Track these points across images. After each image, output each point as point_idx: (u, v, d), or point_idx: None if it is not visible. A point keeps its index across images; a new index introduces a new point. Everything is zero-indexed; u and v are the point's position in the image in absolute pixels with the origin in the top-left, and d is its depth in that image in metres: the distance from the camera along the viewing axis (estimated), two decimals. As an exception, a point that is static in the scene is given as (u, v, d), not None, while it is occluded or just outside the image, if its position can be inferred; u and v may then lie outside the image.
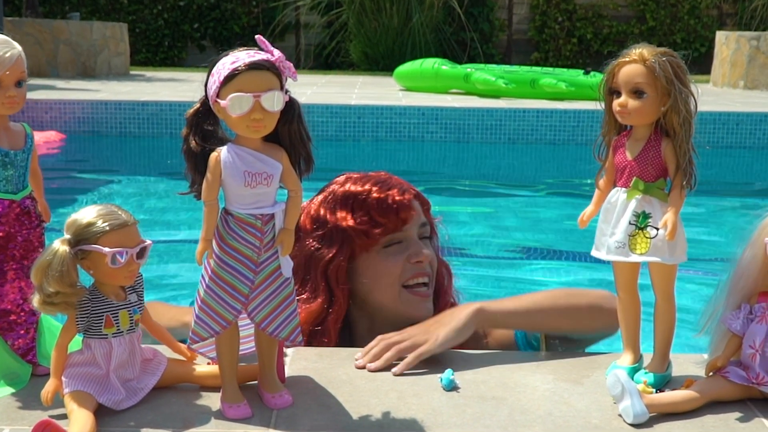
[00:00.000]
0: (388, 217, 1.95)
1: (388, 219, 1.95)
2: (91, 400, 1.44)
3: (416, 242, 1.99)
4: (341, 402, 1.54)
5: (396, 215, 1.96)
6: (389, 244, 1.98)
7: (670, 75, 1.51)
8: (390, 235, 1.97)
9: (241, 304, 1.46)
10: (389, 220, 1.96)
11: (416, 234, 2.00)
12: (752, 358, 1.54)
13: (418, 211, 2.01)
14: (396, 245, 1.98)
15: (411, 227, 1.99)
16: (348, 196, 1.98)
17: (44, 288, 1.41)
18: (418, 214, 2.01)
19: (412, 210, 1.98)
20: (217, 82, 1.39)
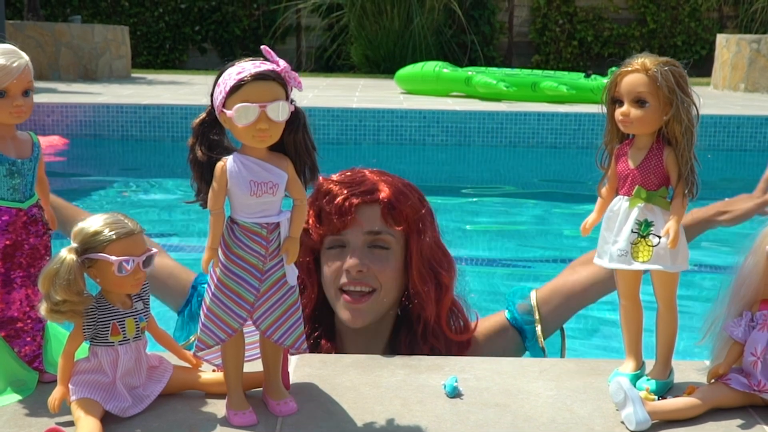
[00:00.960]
0: (326, 220, 1.99)
1: (325, 221, 1.99)
2: (98, 408, 1.45)
3: (353, 250, 1.98)
4: (345, 409, 1.55)
5: (330, 219, 1.98)
6: (333, 246, 2.01)
7: (672, 84, 1.52)
8: (331, 237, 2.00)
9: (247, 312, 1.48)
10: (326, 223, 1.99)
11: (361, 242, 1.99)
12: (754, 366, 1.55)
13: (365, 219, 1.98)
14: (338, 248, 2.00)
15: (352, 233, 1.99)
16: (315, 191, 2.03)
17: (51, 296, 1.42)
18: (365, 222, 1.98)
19: (350, 217, 1.97)
20: (223, 93, 1.40)
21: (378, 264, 1.99)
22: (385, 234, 2.00)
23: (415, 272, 2.03)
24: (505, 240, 5.70)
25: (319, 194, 2.01)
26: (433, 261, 2.06)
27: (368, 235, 1.99)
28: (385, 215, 1.99)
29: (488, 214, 6.35)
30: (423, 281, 2.03)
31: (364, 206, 1.98)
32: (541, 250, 5.49)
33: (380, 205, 1.99)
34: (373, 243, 2.00)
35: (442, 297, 2.06)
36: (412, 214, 2.03)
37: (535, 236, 5.84)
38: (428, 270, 2.05)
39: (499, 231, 5.92)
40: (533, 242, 5.68)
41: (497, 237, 5.75)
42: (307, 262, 2.04)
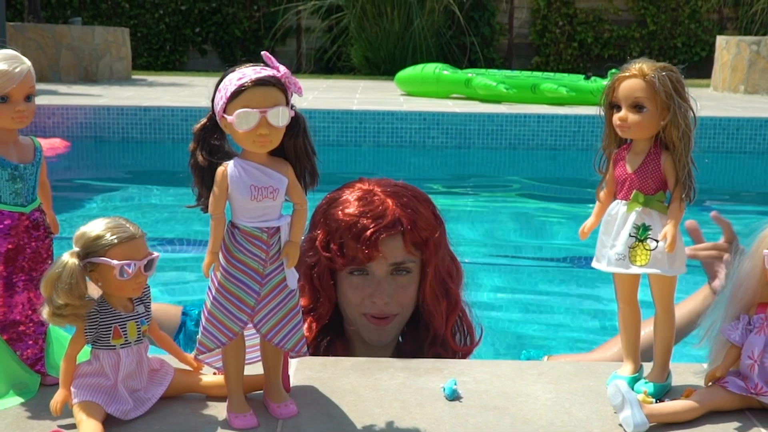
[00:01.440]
0: (350, 252, 1.99)
1: (350, 253, 1.99)
2: (100, 410, 1.46)
3: (378, 282, 2.01)
4: (345, 412, 1.56)
5: (356, 252, 1.98)
6: (355, 272, 2.03)
7: (670, 90, 1.53)
8: (353, 266, 2.02)
9: (248, 316, 1.49)
10: (350, 255, 1.99)
11: (384, 272, 2.01)
12: (751, 369, 1.56)
13: (389, 251, 2.00)
14: (360, 276, 2.03)
15: (376, 265, 2.01)
16: (331, 217, 2.02)
17: (54, 300, 1.44)
18: (390, 254, 2.00)
19: (375, 251, 1.97)
20: (224, 98, 1.41)
21: (401, 291, 2.03)
22: (408, 263, 2.04)
23: (428, 291, 2.07)
24: (505, 241, 5.70)
25: (340, 224, 2.00)
26: (445, 275, 2.10)
27: (393, 266, 2.02)
28: (407, 244, 2.01)
29: (488, 216, 6.36)
30: (435, 299, 2.08)
31: (388, 239, 1.99)
32: (541, 252, 5.50)
33: (402, 234, 2.01)
34: (397, 270, 2.03)
35: (451, 309, 2.10)
36: (430, 236, 2.05)
37: (535, 238, 5.85)
38: (440, 286, 2.08)
39: (499, 233, 5.93)
40: (533, 244, 5.69)
41: (497, 239, 5.76)
42: (326, 282, 2.06)
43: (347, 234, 1.99)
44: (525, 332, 4.19)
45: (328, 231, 2.02)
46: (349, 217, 2.00)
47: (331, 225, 2.02)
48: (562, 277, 4.99)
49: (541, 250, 5.51)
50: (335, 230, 2.01)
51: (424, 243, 2.04)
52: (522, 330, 4.20)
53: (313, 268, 2.05)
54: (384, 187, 2.06)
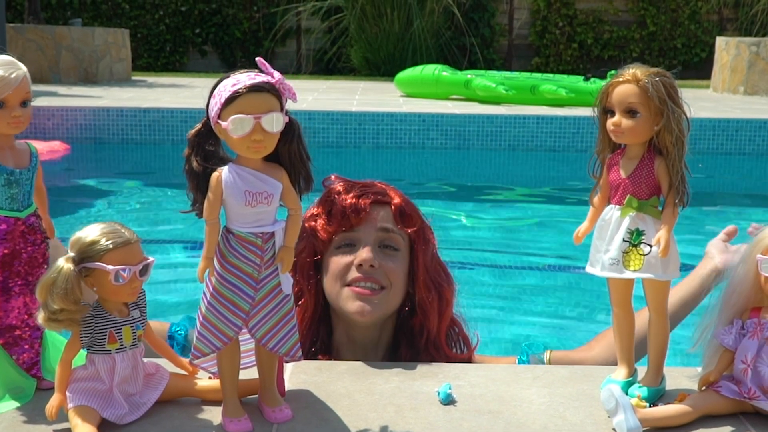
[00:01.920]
0: (338, 217, 1.98)
1: (337, 219, 1.98)
2: (95, 415, 1.47)
3: (365, 245, 1.97)
4: (340, 416, 1.57)
5: (344, 215, 1.97)
6: (341, 245, 2.00)
7: (663, 95, 1.54)
8: (342, 235, 1.99)
9: (242, 321, 1.49)
10: (338, 220, 1.98)
11: (373, 239, 1.99)
12: (744, 373, 1.57)
13: (377, 216, 2.00)
14: (348, 247, 2.00)
15: (364, 231, 1.99)
16: (322, 195, 2.04)
17: (49, 305, 1.44)
18: (378, 220, 1.99)
19: (364, 213, 1.97)
20: (218, 104, 1.42)
21: (389, 263, 1.99)
22: (396, 234, 2.01)
23: (421, 280, 2.03)
24: (505, 243, 5.70)
25: (330, 194, 2.02)
26: (435, 274, 2.08)
27: (381, 231, 1.99)
28: (396, 217, 2.02)
29: (487, 218, 6.36)
30: (428, 290, 2.04)
31: (377, 206, 2.00)
32: (540, 253, 5.50)
33: (392, 207, 2.02)
34: (384, 242, 2.00)
35: (443, 310, 2.07)
36: (419, 222, 2.06)
37: (534, 239, 5.85)
38: (431, 281, 2.06)
39: (499, 234, 5.93)
40: (533, 245, 5.69)
41: (496, 240, 5.76)
42: (308, 266, 2.03)
43: (336, 200, 1.99)
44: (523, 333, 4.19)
45: (317, 205, 2.03)
46: (337, 187, 2.02)
47: (322, 197, 2.02)
48: (561, 280, 5.00)
49: (541, 252, 5.51)
50: (325, 200, 2.01)
51: (411, 221, 2.04)
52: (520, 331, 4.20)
53: (298, 256, 1.98)
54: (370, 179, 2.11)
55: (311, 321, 2.06)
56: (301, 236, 1.96)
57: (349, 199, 1.99)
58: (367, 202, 1.99)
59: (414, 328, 2.07)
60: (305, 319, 2.04)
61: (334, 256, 2.00)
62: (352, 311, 1.96)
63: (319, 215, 2.02)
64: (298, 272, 2.02)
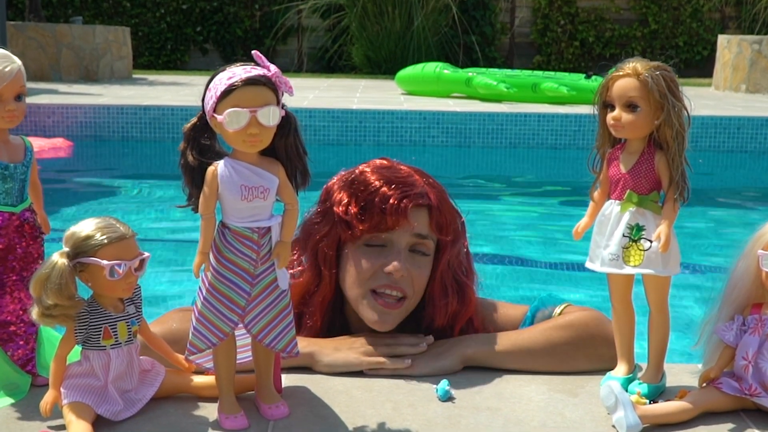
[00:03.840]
0: (375, 216, 1.83)
1: (374, 218, 1.83)
2: (90, 411, 1.46)
3: (397, 252, 1.84)
4: (337, 413, 1.56)
5: (383, 217, 1.82)
6: (372, 244, 1.86)
7: (663, 89, 1.53)
8: (373, 234, 1.84)
9: (238, 316, 1.48)
10: (375, 220, 1.83)
11: (405, 244, 1.85)
12: (745, 370, 1.56)
13: (416, 221, 1.85)
14: (378, 247, 1.85)
15: (399, 234, 1.84)
16: (357, 181, 1.88)
17: (43, 300, 1.43)
18: (416, 225, 1.85)
19: (403, 217, 1.83)
20: (214, 98, 1.41)
21: (417, 270, 1.87)
22: (429, 240, 1.89)
23: (438, 282, 1.92)
24: (505, 241, 5.69)
25: (367, 186, 1.87)
26: (459, 271, 1.96)
27: (414, 237, 1.86)
28: (431, 221, 1.89)
29: (488, 215, 6.35)
30: (443, 293, 1.92)
31: (416, 208, 1.87)
32: (541, 250, 5.48)
33: (428, 210, 1.89)
34: (415, 247, 1.88)
35: (462, 312, 1.94)
36: (452, 222, 1.94)
37: (535, 237, 5.84)
38: (452, 281, 1.94)
39: (499, 232, 5.91)
40: (533, 243, 5.67)
41: (497, 238, 5.74)
42: (331, 255, 1.88)
43: (373, 197, 1.84)
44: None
45: (350, 193, 1.87)
46: (376, 180, 1.86)
47: (355, 187, 1.87)
48: (562, 277, 4.98)
49: (542, 250, 5.49)
50: (360, 192, 1.85)
51: (446, 227, 1.91)
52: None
53: (318, 243, 1.88)
54: (407, 164, 1.97)
55: (328, 308, 1.94)
56: (325, 218, 1.88)
57: (390, 200, 1.83)
58: (408, 205, 1.84)
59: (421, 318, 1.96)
60: (323, 305, 1.92)
61: (362, 254, 1.86)
62: (371, 321, 1.85)
63: (351, 205, 1.86)
64: (319, 259, 1.89)
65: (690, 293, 3.97)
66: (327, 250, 1.87)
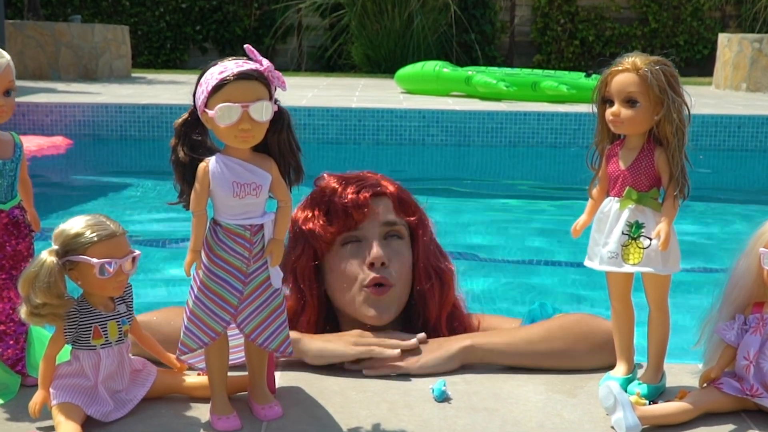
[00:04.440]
0: (340, 216, 1.87)
1: (340, 218, 1.88)
2: (79, 412, 1.43)
3: (373, 242, 1.87)
4: (331, 413, 1.53)
5: (347, 214, 1.87)
6: (346, 242, 1.89)
7: (663, 84, 1.50)
8: (345, 235, 1.89)
9: (230, 315, 1.46)
10: (341, 219, 1.88)
11: (378, 233, 1.89)
12: (746, 370, 1.53)
13: (379, 209, 1.90)
14: (353, 244, 1.89)
15: (368, 226, 1.88)
16: (314, 195, 1.95)
17: (31, 299, 1.41)
18: (381, 213, 1.90)
19: (365, 208, 1.87)
20: (205, 92, 1.38)
21: (396, 256, 1.90)
22: (399, 225, 1.93)
23: (421, 268, 1.95)
24: (505, 239, 5.67)
25: (324, 194, 1.92)
26: (435, 260, 2.00)
27: (385, 226, 1.90)
28: (396, 207, 1.93)
29: (488, 214, 6.32)
30: (428, 277, 1.95)
31: (376, 198, 1.91)
32: (541, 249, 5.46)
33: (390, 197, 1.94)
34: (389, 234, 1.91)
35: (444, 296, 1.98)
36: (417, 209, 1.99)
37: (535, 236, 5.81)
38: (431, 267, 1.98)
39: (499, 231, 5.89)
40: (533, 241, 5.65)
41: (497, 237, 5.72)
42: (309, 271, 1.93)
43: (333, 198, 1.89)
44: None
45: (311, 206, 1.92)
46: (331, 184, 1.92)
47: (315, 198, 1.92)
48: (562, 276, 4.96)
49: (542, 248, 5.47)
50: (320, 200, 1.91)
51: (410, 207, 1.97)
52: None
53: (296, 265, 1.92)
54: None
55: (316, 325, 1.96)
56: (297, 241, 1.92)
57: (348, 196, 1.88)
58: (366, 196, 1.89)
59: (411, 315, 1.98)
60: (311, 324, 1.94)
61: (340, 258, 1.89)
62: (369, 317, 1.86)
63: (316, 216, 1.91)
64: (299, 279, 1.92)
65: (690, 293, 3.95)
66: (304, 268, 1.91)
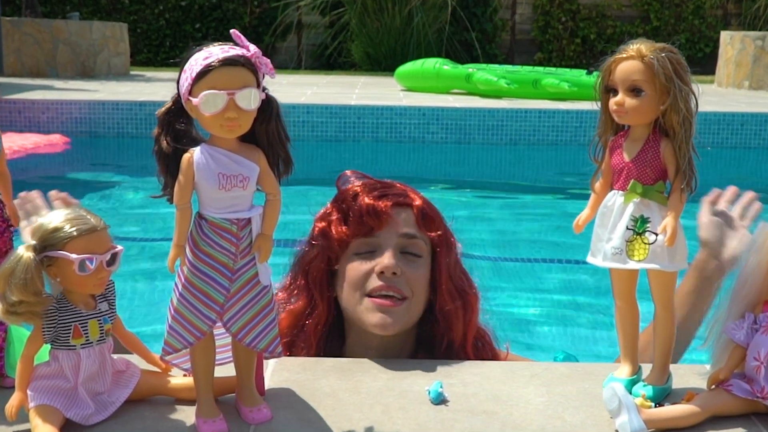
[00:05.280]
0: (356, 221, 1.82)
1: (355, 222, 1.82)
2: (58, 415, 1.37)
3: (388, 253, 1.81)
4: (323, 416, 1.47)
5: (362, 219, 1.82)
6: (360, 251, 1.84)
7: (670, 72, 1.43)
8: (361, 240, 1.83)
9: (217, 314, 1.39)
10: (356, 224, 1.82)
11: (394, 245, 1.82)
12: (757, 371, 1.46)
13: (400, 220, 1.84)
14: (368, 253, 1.83)
15: (385, 236, 1.82)
16: (338, 197, 1.90)
17: (7, 297, 1.34)
18: (401, 224, 1.84)
19: (384, 216, 1.81)
20: (189, 79, 1.32)
21: (412, 270, 1.82)
22: (419, 239, 1.85)
23: (444, 288, 1.87)
24: (506, 238, 5.63)
25: (346, 196, 1.86)
26: (458, 281, 1.91)
27: (403, 238, 1.83)
28: (418, 221, 1.86)
29: (488, 212, 6.28)
30: (452, 298, 1.87)
31: (398, 208, 1.84)
32: (542, 248, 5.42)
33: (414, 210, 1.86)
34: (406, 248, 1.84)
35: (468, 320, 1.90)
36: (442, 226, 1.91)
37: (536, 234, 5.78)
38: (455, 288, 1.89)
39: (500, 229, 5.85)
40: (534, 240, 5.61)
41: (498, 235, 5.68)
42: (322, 275, 1.87)
43: (353, 204, 1.82)
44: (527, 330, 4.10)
45: (331, 206, 1.87)
46: (355, 189, 1.86)
47: (337, 199, 1.86)
48: (563, 274, 4.91)
49: (542, 247, 5.43)
50: (340, 204, 1.85)
51: (434, 225, 1.88)
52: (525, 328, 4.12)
53: (309, 266, 1.88)
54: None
55: (323, 332, 1.91)
56: (312, 242, 1.88)
57: (369, 201, 1.82)
58: (387, 205, 1.82)
59: (435, 338, 1.91)
60: (317, 330, 1.89)
61: (352, 262, 1.83)
62: (373, 324, 1.79)
63: (333, 218, 1.86)
64: (311, 282, 1.87)
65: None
66: (316, 271, 1.87)
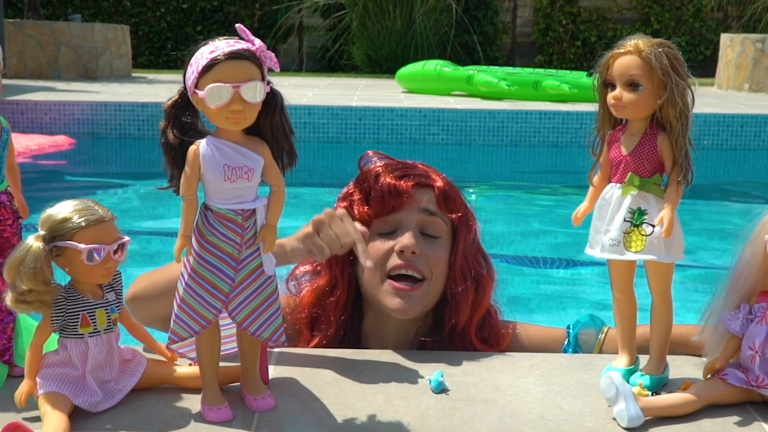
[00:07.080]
0: (377, 199, 1.84)
1: (377, 201, 1.84)
2: (66, 402, 1.40)
3: (407, 231, 1.83)
4: (326, 405, 1.49)
5: (383, 199, 1.84)
6: (382, 232, 1.85)
7: (667, 67, 1.46)
8: (382, 220, 1.85)
9: (222, 303, 1.42)
10: (377, 203, 1.84)
11: (414, 222, 1.85)
12: (752, 360, 1.49)
13: (420, 201, 1.86)
14: (389, 233, 1.85)
15: (406, 214, 1.84)
16: (359, 176, 1.91)
17: (17, 286, 1.37)
18: (420, 204, 1.86)
19: (405, 196, 1.83)
20: (195, 72, 1.35)
21: (431, 250, 1.84)
22: (439, 218, 1.87)
23: (458, 269, 1.88)
24: (507, 238, 5.64)
25: (368, 176, 1.88)
26: (474, 262, 1.93)
27: (423, 213, 1.85)
28: (439, 202, 1.88)
29: (489, 213, 6.29)
30: (463, 278, 1.89)
31: (419, 188, 1.86)
32: (542, 248, 5.43)
33: (435, 191, 1.88)
34: (426, 228, 1.86)
35: (478, 302, 1.91)
36: (462, 207, 1.93)
37: (536, 235, 5.79)
38: (469, 270, 1.91)
39: (500, 229, 5.86)
40: (535, 240, 5.62)
41: (498, 235, 5.69)
42: (343, 255, 1.82)
43: (376, 183, 1.85)
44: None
45: (355, 187, 1.89)
46: (378, 169, 1.88)
47: (359, 179, 1.89)
48: (563, 275, 4.92)
49: (543, 248, 5.44)
50: (364, 183, 1.87)
51: (455, 206, 1.90)
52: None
53: None
54: None
55: (344, 310, 1.92)
56: None
57: (390, 181, 1.84)
58: (409, 185, 1.84)
59: (443, 318, 1.93)
60: (338, 308, 1.91)
61: (374, 242, 1.84)
62: (392, 308, 1.82)
63: (354, 196, 1.88)
64: (333, 260, 1.88)
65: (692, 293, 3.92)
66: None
